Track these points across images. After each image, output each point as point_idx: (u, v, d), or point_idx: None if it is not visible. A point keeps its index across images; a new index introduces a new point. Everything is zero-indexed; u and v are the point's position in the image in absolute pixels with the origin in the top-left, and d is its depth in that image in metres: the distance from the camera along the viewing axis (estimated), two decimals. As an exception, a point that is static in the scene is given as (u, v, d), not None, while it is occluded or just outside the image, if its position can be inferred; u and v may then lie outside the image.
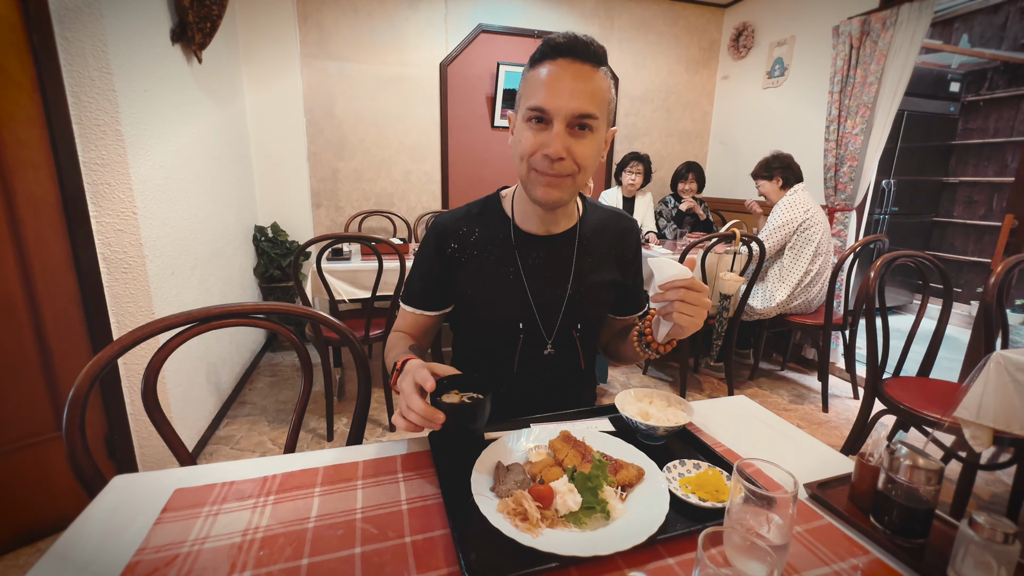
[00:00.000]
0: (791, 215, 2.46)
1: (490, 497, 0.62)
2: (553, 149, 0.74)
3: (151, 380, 0.84)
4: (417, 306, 0.95)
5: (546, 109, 0.74)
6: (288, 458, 0.74)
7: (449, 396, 0.73)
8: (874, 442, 0.64)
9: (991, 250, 3.86)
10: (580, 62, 0.74)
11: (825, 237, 2.49)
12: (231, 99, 2.59)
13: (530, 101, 0.75)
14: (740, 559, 0.48)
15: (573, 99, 0.73)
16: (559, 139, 0.74)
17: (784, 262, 2.54)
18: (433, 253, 0.92)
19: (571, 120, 0.74)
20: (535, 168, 0.78)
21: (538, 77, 0.75)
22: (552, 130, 0.75)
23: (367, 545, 0.56)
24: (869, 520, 0.61)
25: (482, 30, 3.23)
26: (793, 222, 2.46)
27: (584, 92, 0.74)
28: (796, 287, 2.50)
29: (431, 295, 0.94)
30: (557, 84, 0.73)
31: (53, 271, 1.43)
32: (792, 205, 2.47)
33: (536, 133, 0.76)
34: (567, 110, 0.73)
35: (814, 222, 2.45)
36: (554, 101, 0.73)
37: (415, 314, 0.96)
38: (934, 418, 1.50)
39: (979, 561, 0.49)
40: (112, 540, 0.56)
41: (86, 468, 0.73)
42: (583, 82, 0.74)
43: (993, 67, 3.91)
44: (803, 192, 2.51)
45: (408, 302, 0.96)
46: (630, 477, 0.66)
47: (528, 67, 0.79)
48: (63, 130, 1.39)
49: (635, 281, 1.01)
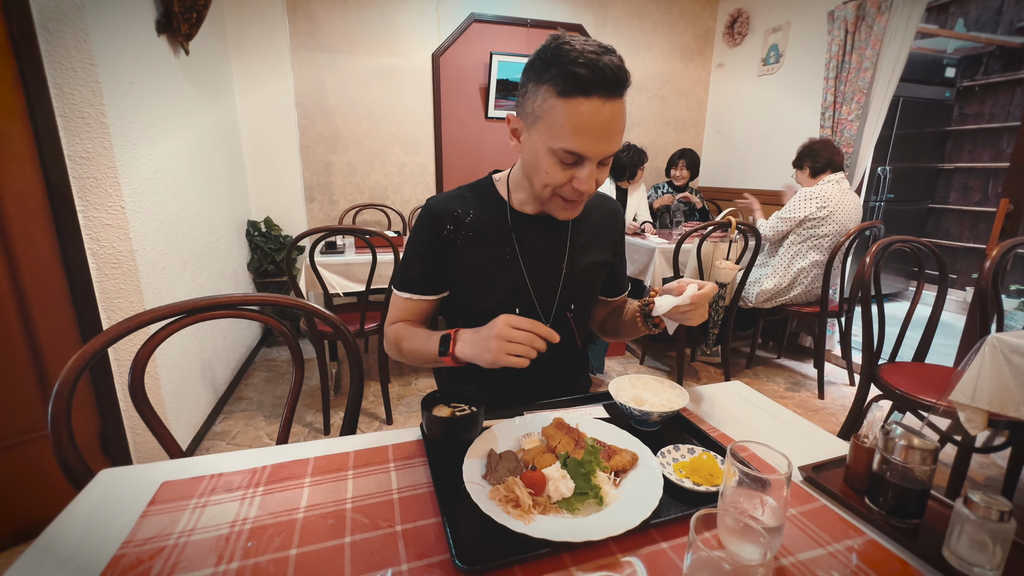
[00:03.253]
0: (797, 209, 2.39)
1: (482, 484, 0.61)
2: (587, 187, 0.76)
3: (139, 373, 0.83)
4: (416, 291, 0.92)
5: (584, 155, 0.73)
6: (278, 449, 0.73)
7: (439, 409, 0.73)
8: (869, 424, 0.63)
9: (986, 236, 3.86)
10: (613, 99, 0.70)
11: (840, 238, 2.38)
12: (220, 91, 2.56)
13: (565, 143, 0.72)
14: (733, 542, 0.48)
15: (609, 143, 0.73)
16: (593, 178, 0.76)
17: (786, 253, 2.50)
18: (430, 234, 0.89)
19: (604, 159, 0.75)
20: (561, 195, 0.80)
21: (571, 117, 0.70)
22: (585, 169, 0.75)
23: (357, 534, 0.55)
24: (864, 501, 0.60)
25: (475, 19, 3.19)
26: (795, 217, 2.39)
27: (618, 132, 0.74)
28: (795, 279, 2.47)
29: (429, 279, 0.92)
30: (595, 131, 0.71)
31: (41, 267, 1.41)
32: (806, 198, 2.38)
33: (566, 169, 0.76)
34: (604, 154, 0.74)
35: (830, 219, 2.34)
36: (593, 148, 0.72)
37: (414, 300, 0.93)
38: (930, 402, 1.50)
39: (974, 540, 0.49)
40: (97, 533, 0.55)
41: (73, 463, 0.72)
42: (617, 122, 0.72)
43: (989, 52, 3.89)
44: (832, 184, 2.38)
45: (405, 288, 0.93)
46: (624, 463, 0.65)
47: (550, 90, 0.70)
48: (47, 123, 1.37)
49: (621, 262, 1.04)
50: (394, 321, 0.95)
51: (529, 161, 0.80)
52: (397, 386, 2.57)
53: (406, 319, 0.94)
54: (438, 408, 0.73)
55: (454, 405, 0.74)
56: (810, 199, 2.38)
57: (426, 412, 0.70)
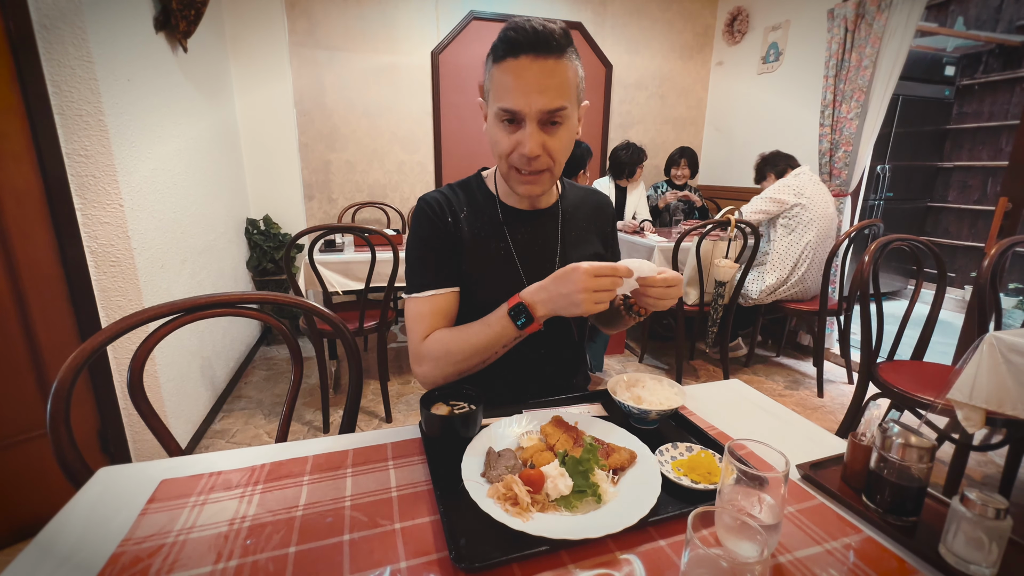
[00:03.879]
0: (778, 192, 2.47)
1: (480, 483, 0.61)
2: (528, 148, 0.76)
3: (137, 371, 0.83)
4: (438, 286, 0.85)
5: (516, 111, 0.75)
6: (277, 447, 0.73)
7: (438, 407, 0.73)
8: (867, 422, 0.63)
9: (985, 235, 3.86)
10: (543, 57, 0.73)
11: (824, 223, 2.46)
12: (219, 89, 2.55)
13: (500, 102, 0.76)
14: (731, 539, 0.48)
15: (541, 97, 0.74)
16: (533, 139, 0.76)
17: (777, 247, 2.53)
18: (435, 226, 0.87)
19: (542, 117, 0.76)
20: (514, 166, 0.81)
21: (503, 77, 0.74)
22: (526, 130, 0.76)
23: (355, 532, 0.55)
24: (861, 499, 0.60)
25: (474, 17, 3.18)
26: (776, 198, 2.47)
27: (551, 88, 0.74)
28: (790, 273, 2.50)
29: (445, 270, 0.87)
30: (523, 84, 0.73)
31: (39, 265, 1.41)
32: (783, 187, 2.48)
33: (510, 133, 0.78)
34: (537, 108, 0.74)
35: (809, 206, 2.43)
36: (523, 101, 0.74)
37: (440, 296, 0.85)
38: (928, 401, 1.50)
39: (971, 537, 0.49)
40: (96, 531, 0.55)
41: (72, 461, 0.72)
42: (549, 78, 0.74)
43: (988, 50, 3.89)
44: (803, 176, 2.49)
45: (423, 287, 0.85)
46: (622, 461, 0.65)
47: (491, 60, 0.77)
48: (44, 120, 1.36)
49: (613, 254, 1.05)
50: (427, 333, 0.84)
51: (488, 138, 0.82)
52: (396, 384, 2.58)
53: (439, 325, 0.85)
54: (437, 406, 0.73)
55: (453, 403, 0.74)
56: (787, 187, 2.47)
57: (425, 410, 0.70)
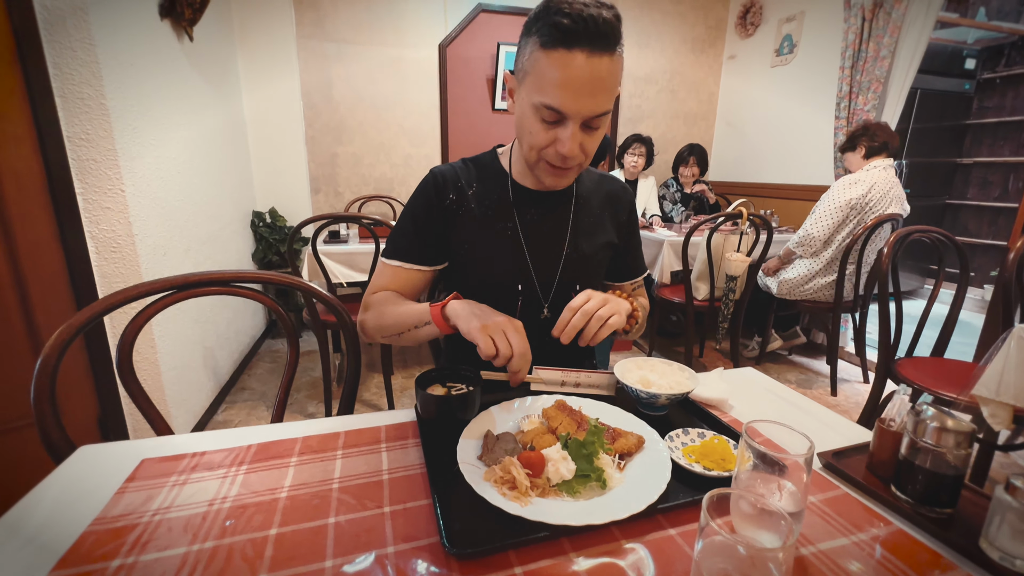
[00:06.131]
0: (839, 195, 2.17)
1: (477, 465, 0.58)
2: (568, 149, 0.72)
3: (126, 349, 0.81)
4: (410, 260, 0.85)
5: (563, 112, 0.69)
6: (265, 428, 0.69)
7: (434, 388, 0.69)
8: (896, 407, 0.58)
9: (1006, 233, 3.75)
10: (599, 54, 0.65)
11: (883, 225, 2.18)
12: (226, 79, 2.54)
13: (544, 97, 0.68)
14: (749, 528, 0.43)
15: (592, 101, 0.68)
16: (574, 140, 0.71)
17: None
18: (432, 201, 0.85)
19: (586, 120, 0.71)
20: (546, 159, 0.76)
21: (551, 69, 0.66)
22: (567, 129, 0.71)
23: (341, 515, 0.52)
24: (890, 490, 0.56)
25: (482, 9, 3.14)
26: (840, 202, 2.15)
27: (602, 92, 0.68)
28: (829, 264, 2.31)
29: (427, 247, 0.86)
30: (575, 85, 0.66)
31: (39, 248, 1.40)
32: (850, 183, 2.16)
33: (547, 128, 0.72)
34: (585, 112, 0.69)
35: (878, 205, 2.14)
36: (571, 105, 0.68)
37: (405, 269, 0.86)
38: (950, 397, 1.44)
39: (1017, 530, 0.44)
40: (69, 510, 0.52)
41: (56, 438, 0.69)
42: (602, 80, 0.67)
43: (1011, 42, 3.78)
44: (880, 171, 2.15)
45: (397, 256, 0.86)
46: (629, 445, 0.61)
47: (537, 41, 0.67)
48: (45, 103, 1.35)
49: (630, 244, 0.99)
50: (377, 290, 0.87)
51: (518, 120, 0.77)
52: (400, 378, 2.55)
53: (393, 289, 0.87)
54: (433, 387, 0.70)
55: (450, 384, 0.71)
56: (855, 183, 2.15)
57: (420, 390, 0.66)
